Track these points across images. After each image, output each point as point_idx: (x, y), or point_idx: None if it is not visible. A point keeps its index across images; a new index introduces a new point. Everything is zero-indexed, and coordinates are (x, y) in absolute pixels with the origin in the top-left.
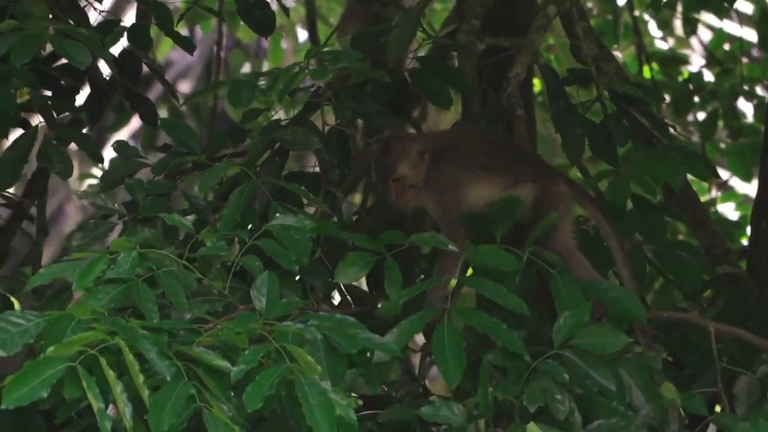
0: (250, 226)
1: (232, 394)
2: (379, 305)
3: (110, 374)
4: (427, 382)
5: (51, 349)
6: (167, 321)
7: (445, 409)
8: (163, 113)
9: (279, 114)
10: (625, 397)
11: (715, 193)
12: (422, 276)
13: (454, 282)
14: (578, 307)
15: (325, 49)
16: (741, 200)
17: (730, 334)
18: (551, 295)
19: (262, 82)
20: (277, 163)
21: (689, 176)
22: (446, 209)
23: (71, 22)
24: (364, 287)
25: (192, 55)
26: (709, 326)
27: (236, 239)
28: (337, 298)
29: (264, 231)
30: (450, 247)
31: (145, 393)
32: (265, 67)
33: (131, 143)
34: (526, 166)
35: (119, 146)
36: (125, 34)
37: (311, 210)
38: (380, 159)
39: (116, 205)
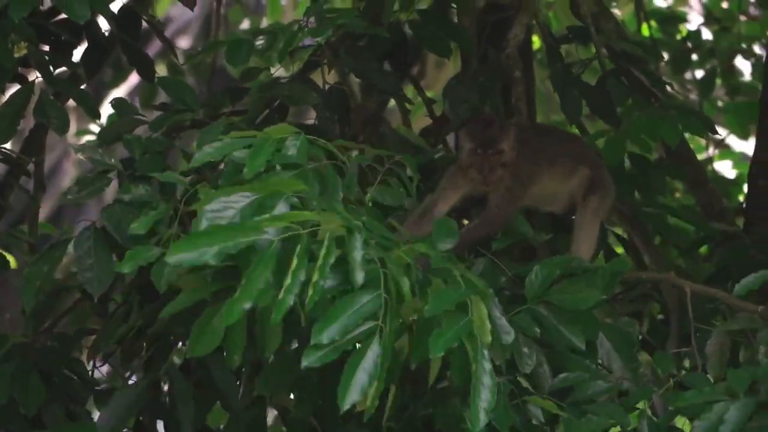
0: None
1: None
2: None
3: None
4: None
5: (265, 217)
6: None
7: None
8: (162, 70)
9: (278, 72)
10: (597, 356)
11: (712, 151)
12: None
13: None
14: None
15: (325, 6)
16: (738, 158)
17: (704, 294)
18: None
19: (260, 41)
20: (276, 120)
21: (686, 135)
22: (514, 199)
23: None
24: None
25: (192, 10)
26: (686, 286)
27: None
28: None
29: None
30: None
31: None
32: (264, 23)
33: (129, 100)
34: (578, 154)
35: (117, 103)
36: None
37: None
38: (480, 130)
39: (113, 160)
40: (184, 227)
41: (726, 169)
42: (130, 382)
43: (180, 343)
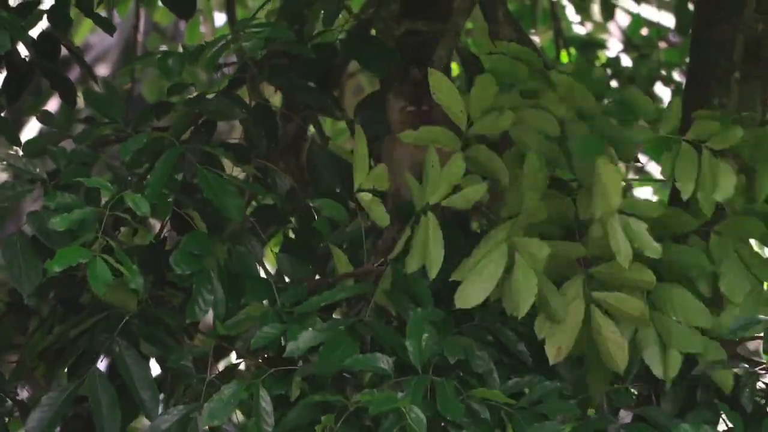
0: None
1: None
2: None
3: None
4: None
5: None
6: None
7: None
8: (79, 97)
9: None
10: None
11: (631, 176)
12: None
13: None
14: None
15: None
16: (659, 185)
17: None
18: None
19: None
20: (203, 135)
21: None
22: None
23: None
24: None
25: (112, 36)
26: None
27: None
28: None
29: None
30: None
31: None
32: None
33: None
34: None
35: (44, 116)
36: (45, 16)
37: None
38: (409, 89)
39: (37, 170)
40: (108, 233)
41: (646, 195)
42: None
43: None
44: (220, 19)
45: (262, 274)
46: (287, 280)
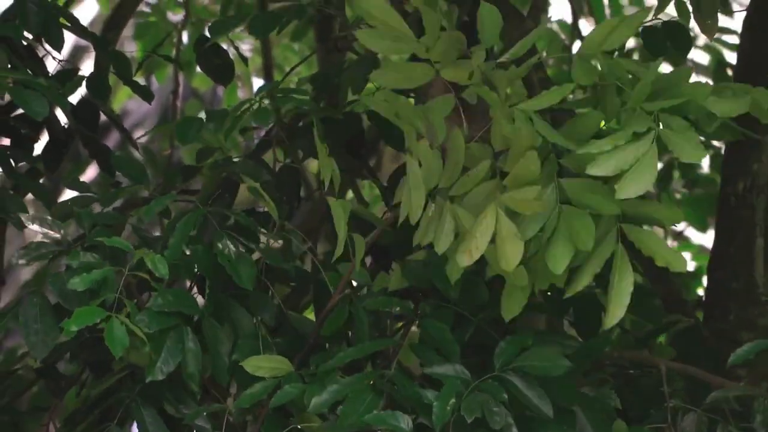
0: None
1: None
2: None
3: None
4: None
5: None
6: None
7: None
8: None
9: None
10: (568, 423)
11: (671, 243)
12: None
13: None
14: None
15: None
16: (697, 251)
17: (682, 372)
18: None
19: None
20: (227, 198)
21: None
22: None
23: (29, 71)
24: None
25: (150, 104)
26: (661, 364)
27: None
28: None
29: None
30: None
31: None
32: None
33: None
34: None
35: (71, 182)
36: (83, 83)
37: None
38: None
39: (62, 232)
40: (131, 294)
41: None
42: None
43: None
44: (258, 83)
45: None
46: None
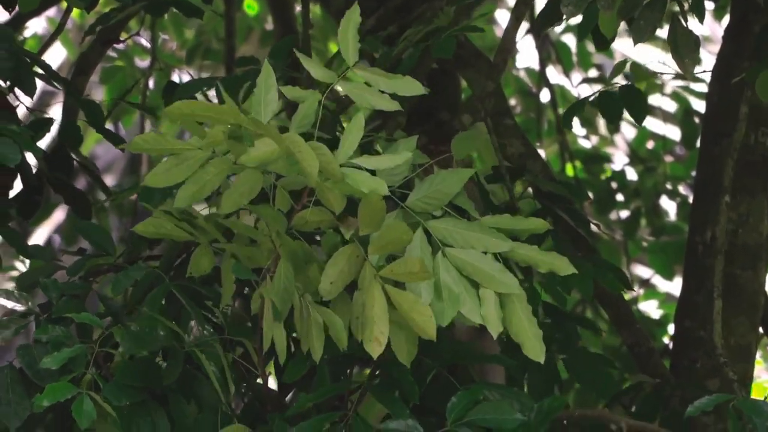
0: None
1: None
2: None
3: None
4: None
5: None
6: None
7: None
8: None
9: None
10: None
11: (637, 290)
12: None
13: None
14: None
15: None
16: (663, 299)
17: (642, 430)
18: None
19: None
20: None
21: None
22: None
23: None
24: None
25: (122, 150)
26: (621, 422)
27: None
28: None
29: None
30: None
31: None
32: None
33: (54, 238)
34: None
35: (34, 250)
36: (54, 128)
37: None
38: None
39: (30, 304)
40: (100, 369)
41: (651, 309)
42: None
43: None
44: None
45: None
46: None
